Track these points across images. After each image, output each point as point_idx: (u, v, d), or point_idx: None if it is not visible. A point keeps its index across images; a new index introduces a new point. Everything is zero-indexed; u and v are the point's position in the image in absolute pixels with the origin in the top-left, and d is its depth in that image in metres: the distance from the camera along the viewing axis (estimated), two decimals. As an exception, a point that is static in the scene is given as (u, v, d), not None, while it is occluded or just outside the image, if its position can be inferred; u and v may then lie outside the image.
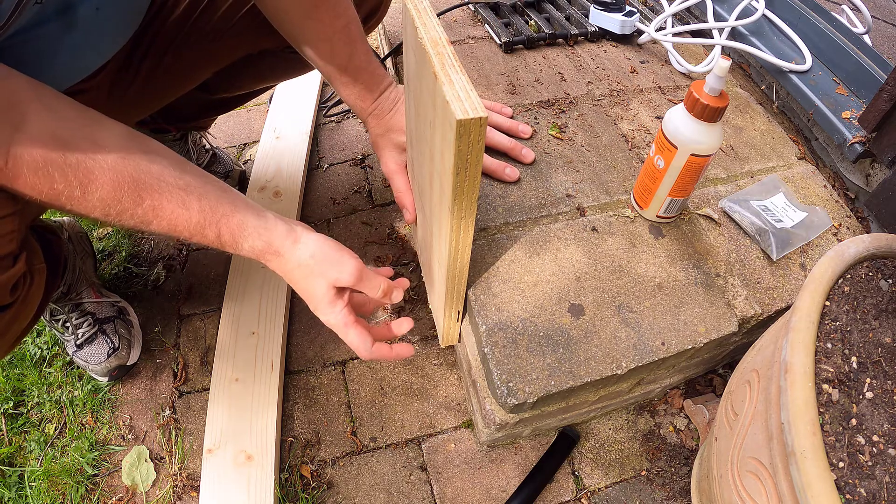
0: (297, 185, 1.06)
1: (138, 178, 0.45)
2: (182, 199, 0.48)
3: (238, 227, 0.52)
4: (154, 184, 0.46)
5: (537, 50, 1.03)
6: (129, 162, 0.45)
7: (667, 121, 0.64)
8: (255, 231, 0.53)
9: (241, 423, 0.77)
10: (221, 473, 0.73)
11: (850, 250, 0.55)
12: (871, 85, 0.85)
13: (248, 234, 0.52)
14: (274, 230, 0.54)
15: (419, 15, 0.50)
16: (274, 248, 0.54)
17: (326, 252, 0.56)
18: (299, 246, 0.55)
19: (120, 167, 0.44)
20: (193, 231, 0.49)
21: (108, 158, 0.44)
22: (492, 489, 0.75)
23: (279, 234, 0.54)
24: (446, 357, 0.87)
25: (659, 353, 0.64)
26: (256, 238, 0.53)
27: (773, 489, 0.46)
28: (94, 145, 0.44)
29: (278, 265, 0.56)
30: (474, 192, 0.49)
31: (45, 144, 0.41)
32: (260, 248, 0.54)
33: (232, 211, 0.51)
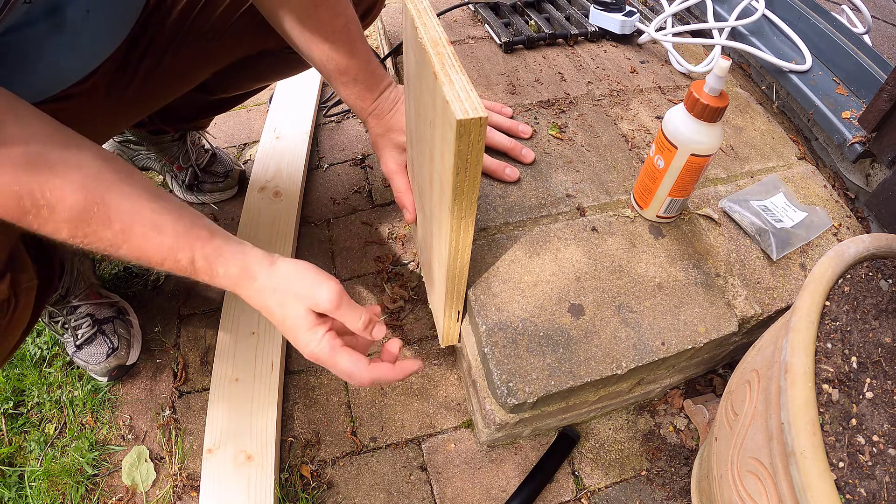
0: (297, 185, 1.06)
1: (109, 200, 0.44)
2: (155, 223, 0.46)
3: (214, 252, 0.49)
4: (126, 207, 0.44)
5: (537, 50, 1.03)
6: (100, 183, 0.44)
7: (667, 121, 0.64)
8: (231, 256, 0.50)
9: (241, 423, 0.77)
10: (221, 473, 0.73)
11: (850, 250, 0.55)
12: (871, 85, 0.85)
13: (224, 260, 0.50)
14: (251, 254, 0.52)
15: (419, 15, 0.50)
16: (250, 272, 0.51)
17: (304, 274, 0.52)
18: (275, 269, 0.52)
19: (91, 187, 0.43)
20: (165, 255, 0.47)
21: (79, 178, 0.42)
22: (492, 489, 0.75)
23: (256, 258, 0.52)
24: (446, 357, 0.87)
25: (659, 353, 0.64)
26: (233, 263, 0.50)
27: (773, 489, 0.46)
28: (66, 164, 0.42)
29: (253, 291, 0.52)
30: (474, 192, 0.49)
31: (14, 161, 0.40)
32: (235, 273, 0.50)
33: (208, 236, 0.49)
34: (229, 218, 1.05)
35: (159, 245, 0.46)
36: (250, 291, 0.52)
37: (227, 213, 1.06)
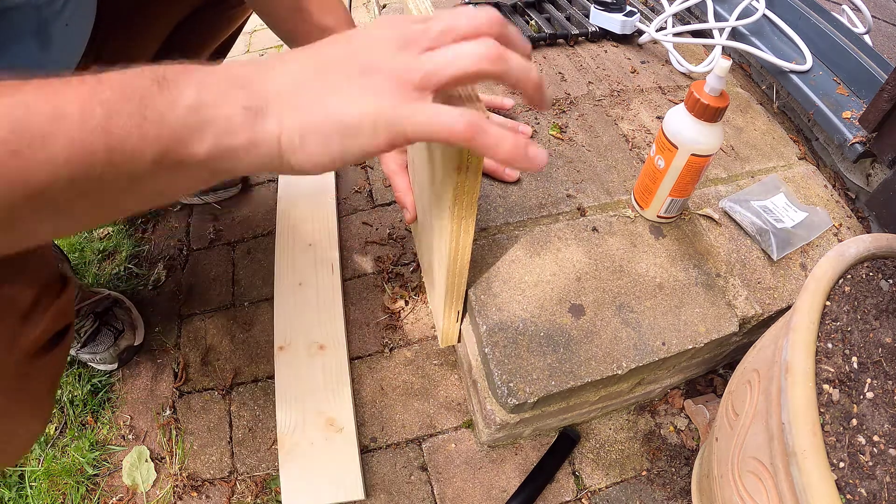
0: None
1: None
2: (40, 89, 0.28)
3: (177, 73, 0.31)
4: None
5: (538, 50, 1.03)
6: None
7: (667, 121, 0.64)
8: (217, 72, 0.32)
9: (309, 320, 0.84)
10: (294, 365, 0.80)
11: (850, 250, 0.55)
12: (872, 85, 0.85)
13: (207, 80, 0.31)
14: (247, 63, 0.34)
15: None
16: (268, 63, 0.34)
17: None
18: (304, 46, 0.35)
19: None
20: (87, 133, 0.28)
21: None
22: (492, 489, 0.75)
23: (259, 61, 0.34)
24: (446, 357, 0.87)
25: (659, 353, 0.64)
26: (226, 72, 0.32)
27: (773, 489, 0.46)
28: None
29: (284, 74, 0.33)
30: (475, 192, 0.49)
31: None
32: (244, 75, 0.32)
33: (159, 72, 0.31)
34: (232, 218, 1.05)
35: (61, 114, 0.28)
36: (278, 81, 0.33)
37: (231, 211, 1.06)
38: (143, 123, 0.29)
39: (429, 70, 0.32)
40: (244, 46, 1.56)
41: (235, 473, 0.76)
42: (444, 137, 0.33)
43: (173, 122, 0.29)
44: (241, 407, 0.82)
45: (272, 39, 1.56)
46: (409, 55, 0.33)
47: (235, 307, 0.93)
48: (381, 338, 0.89)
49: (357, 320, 0.90)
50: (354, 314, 0.91)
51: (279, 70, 0.33)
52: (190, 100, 0.30)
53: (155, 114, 0.29)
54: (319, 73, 0.33)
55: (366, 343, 0.88)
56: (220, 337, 0.90)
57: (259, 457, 0.78)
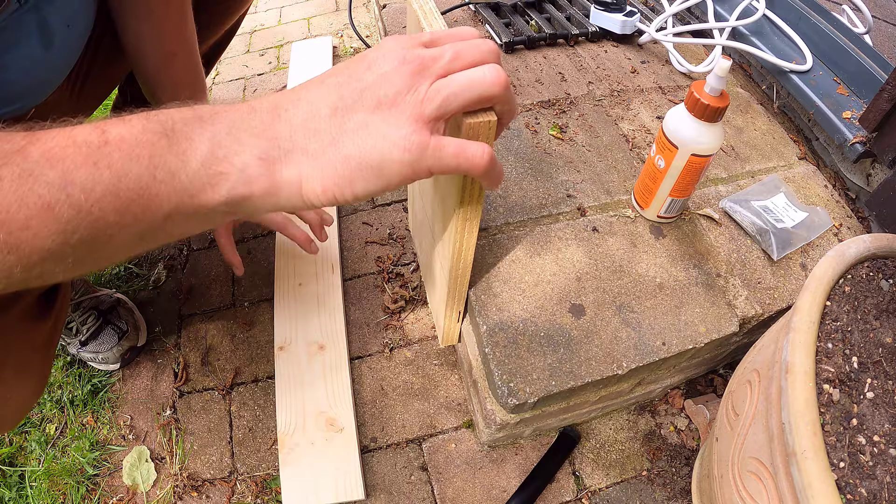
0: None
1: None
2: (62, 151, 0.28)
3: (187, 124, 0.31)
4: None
5: (538, 50, 1.03)
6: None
7: (667, 121, 0.64)
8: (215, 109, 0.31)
9: (308, 321, 0.84)
10: (294, 365, 0.80)
11: (850, 250, 0.55)
12: (872, 85, 0.85)
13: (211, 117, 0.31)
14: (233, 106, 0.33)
15: (425, 16, 0.50)
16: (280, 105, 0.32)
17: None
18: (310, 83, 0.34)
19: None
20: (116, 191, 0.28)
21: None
22: (492, 489, 0.75)
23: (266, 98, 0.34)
24: (447, 357, 0.87)
25: (660, 353, 0.64)
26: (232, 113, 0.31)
27: (773, 489, 0.46)
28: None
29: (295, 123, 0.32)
30: (481, 195, 0.49)
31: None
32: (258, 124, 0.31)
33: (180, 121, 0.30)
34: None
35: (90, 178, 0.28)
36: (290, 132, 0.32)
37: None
38: (152, 184, 0.28)
39: (444, 99, 0.32)
40: (244, 46, 1.56)
41: (235, 473, 0.76)
42: (466, 170, 0.34)
43: (185, 178, 0.29)
44: (241, 407, 0.82)
45: (272, 39, 1.56)
46: (422, 84, 0.32)
47: (235, 307, 0.93)
48: (381, 338, 0.89)
49: (357, 320, 0.90)
50: (354, 314, 0.91)
51: (292, 113, 0.32)
52: (202, 154, 0.29)
53: (165, 173, 0.29)
54: (334, 113, 0.32)
55: (366, 343, 0.88)
56: (220, 337, 0.90)
57: (259, 457, 0.78)
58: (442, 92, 0.32)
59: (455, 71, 0.33)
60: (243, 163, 0.30)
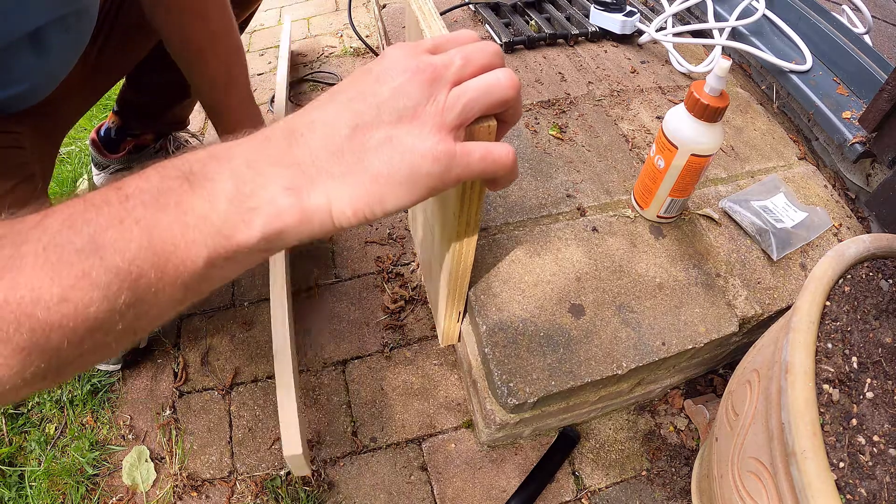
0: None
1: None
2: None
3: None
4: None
5: (538, 50, 1.03)
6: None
7: (667, 121, 0.64)
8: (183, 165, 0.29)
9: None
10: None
11: (850, 250, 0.55)
12: (872, 85, 0.85)
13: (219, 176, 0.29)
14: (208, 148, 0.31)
15: (424, 17, 0.49)
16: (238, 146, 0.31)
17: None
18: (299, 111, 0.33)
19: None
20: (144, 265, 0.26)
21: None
22: (492, 489, 0.75)
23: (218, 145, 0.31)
24: (446, 357, 0.87)
25: (659, 353, 0.64)
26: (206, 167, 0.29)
27: (773, 489, 0.46)
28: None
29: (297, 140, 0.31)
30: (482, 196, 0.49)
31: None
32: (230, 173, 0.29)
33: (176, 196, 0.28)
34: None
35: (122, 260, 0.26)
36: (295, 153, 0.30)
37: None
38: (186, 231, 0.27)
39: (464, 106, 0.32)
40: (244, 46, 1.56)
41: (235, 473, 0.76)
42: (492, 173, 0.34)
43: (217, 220, 0.28)
44: (240, 407, 0.82)
45: (272, 39, 1.56)
46: (440, 93, 0.32)
47: (235, 307, 0.93)
48: (381, 338, 0.89)
49: (357, 320, 0.90)
50: (354, 314, 0.91)
51: (309, 137, 0.30)
52: (228, 192, 0.28)
53: (196, 217, 0.27)
54: (354, 132, 0.30)
55: (366, 343, 0.88)
56: (220, 337, 0.90)
57: (259, 457, 0.78)
58: (461, 99, 0.32)
59: (467, 76, 0.33)
60: (271, 195, 0.29)
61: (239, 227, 0.28)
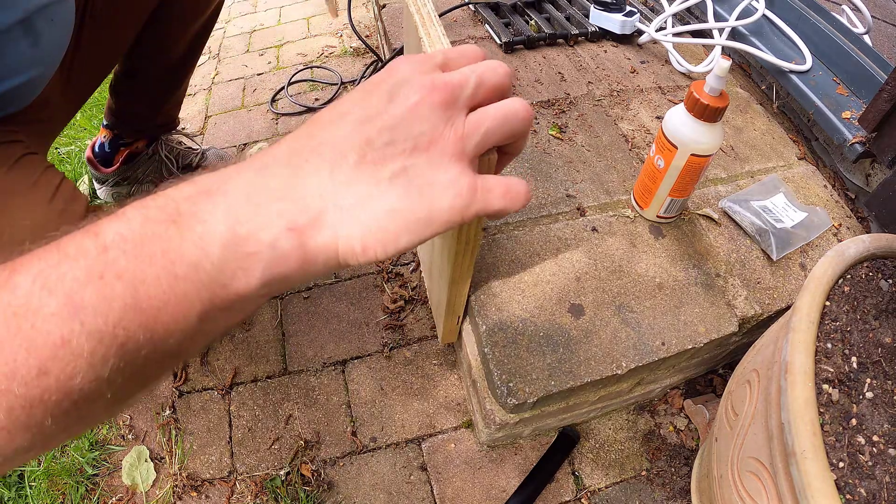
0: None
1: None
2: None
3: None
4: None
5: (537, 50, 1.03)
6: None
7: (667, 121, 0.64)
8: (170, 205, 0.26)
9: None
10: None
11: (850, 250, 0.55)
12: (872, 85, 0.85)
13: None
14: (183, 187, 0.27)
15: (423, 21, 0.49)
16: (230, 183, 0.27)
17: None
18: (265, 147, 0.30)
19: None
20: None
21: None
22: (492, 489, 0.75)
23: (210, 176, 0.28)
24: (446, 357, 0.87)
25: (659, 353, 0.64)
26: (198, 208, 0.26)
27: (773, 489, 0.46)
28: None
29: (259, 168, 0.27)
30: (480, 220, 0.47)
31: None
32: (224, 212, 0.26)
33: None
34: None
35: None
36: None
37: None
38: (175, 284, 0.24)
39: (484, 135, 0.29)
40: (244, 46, 1.56)
41: (235, 473, 0.76)
42: (509, 210, 0.31)
43: (210, 269, 0.24)
44: (240, 407, 0.82)
45: (272, 39, 1.56)
46: (458, 117, 0.29)
47: (235, 307, 0.93)
48: (380, 338, 0.89)
49: (357, 320, 0.90)
50: (354, 314, 0.91)
51: (315, 164, 0.27)
52: (221, 235, 0.25)
53: (186, 267, 0.24)
54: (363, 159, 0.27)
55: (366, 343, 0.88)
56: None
57: (258, 457, 0.78)
58: (482, 126, 0.29)
59: (479, 99, 0.30)
60: (272, 237, 0.25)
61: (236, 276, 0.25)
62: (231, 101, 1.35)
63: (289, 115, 1.28)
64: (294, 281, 0.27)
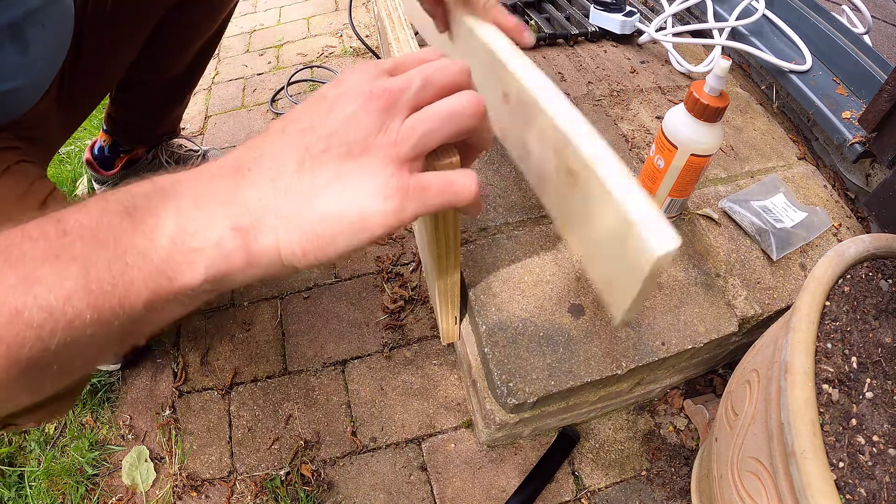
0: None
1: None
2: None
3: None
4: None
5: (537, 50, 1.03)
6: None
7: (667, 121, 0.64)
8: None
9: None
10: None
11: (850, 250, 0.55)
12: (871, 85, 0.85)
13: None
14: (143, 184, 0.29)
15: (392, 26, 0.49)
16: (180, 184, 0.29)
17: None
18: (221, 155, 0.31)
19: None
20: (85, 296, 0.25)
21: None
22: (492, 489, 0.75)
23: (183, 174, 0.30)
24: (446, 357, 0.87)
25: (659, 353, 0.64)
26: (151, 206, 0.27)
27: (773, 489, 0.46)
28: None
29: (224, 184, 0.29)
30: (457, 222, 0.47)
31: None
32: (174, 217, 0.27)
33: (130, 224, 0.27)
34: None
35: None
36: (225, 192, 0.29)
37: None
38: (125, 271, 0.25)
39: (420, 137, 0.29)
40: (243, 46, 1.56)
41: (235, 473, 0.76)
42: (454, 205, 0.31)
43: (157, 260, 0.26)
44: (240, 407, 0.82)
45: (272, 39, 1.56)
46: (393, 122, 0.29)
47: (235, 307, 0.93)
48: (380, 338, 0.89)
49: (357, 320, 0.90)
50: (354, 314, 0.91)
51: (256, 174, 0.29)
52: (170, 230, 0.27)
53: (136, 255, 0.26)
54: (301, 167, 0.29)
55: (365, 343, 0.88)
56: (219, 337, 0.90)
57: (259, 457, 0.78)
58: (417, 129, 0.29)
59: (427, 100, 0.30)
60: (218, 236, 0.27)
61: (182, 269, 0.27)
62: (231, 102, 1.35)
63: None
64: (237, 280, 0.29)
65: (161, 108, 1.00)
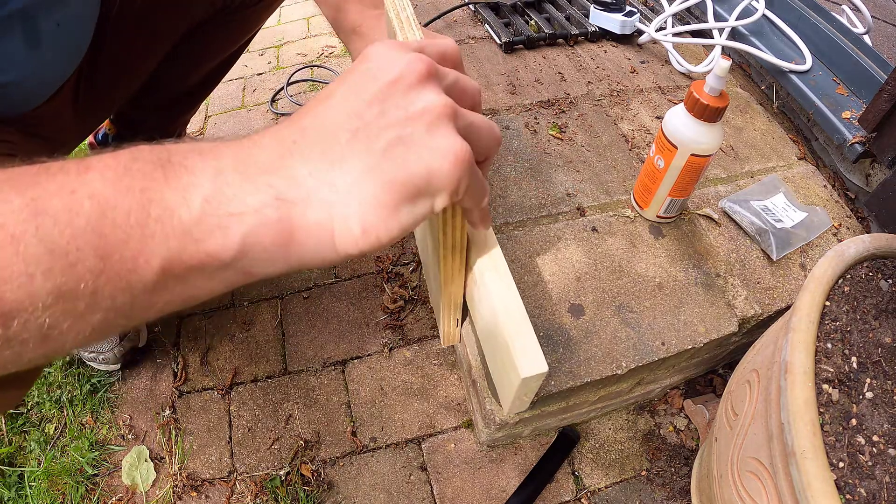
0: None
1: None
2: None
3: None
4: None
5: (537, 50, 1.03)
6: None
7: (667, 121, 0.64)
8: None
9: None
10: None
11: (850, 250, 0.55)
12: (872, 85, 0.85)
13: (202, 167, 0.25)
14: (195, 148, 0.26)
15: (401, 26, 0.48)
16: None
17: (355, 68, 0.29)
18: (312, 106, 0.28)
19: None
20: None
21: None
22: (492, 489, 0.75)
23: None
24: (446, 357, 0.87)
25: (659, 353, 0.64)
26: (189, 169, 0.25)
27: (773, 489, 0.46)
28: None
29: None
30: (465, 224, 0.47)
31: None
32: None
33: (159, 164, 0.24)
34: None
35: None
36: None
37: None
38: (146, 222, 0.22)
39: (471, 120, 0.28)
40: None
41: (235, 473, 0.76)
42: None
43: (187, 217, 0.23)
44: (240, 407, 0.82)
45: (272, 39, 1.56)
46: (440, 88, 0.28)
47: (235, 307, 0.93)
48: (380, 338, 0.89)
49: (357, 320, 0.90)
50: (354, 314, 0.91)
51: (304, 145, 0.26)
52: (206, 190, 0.23)
53: (161, 209, 0.23)
54: (355, 136, 0.26)
55: (365, 343, 0.88)
56: (219, 337, 0.90)
57: (258, 457, 0.78)
58: (469, 115, 0.28)
59: (455, 94, 0.29)
60: (260, 202, 0.24)
61: (213, 234, 0.23)
62: (231, 101, 1.35)
63: (289, 114, 1.28)
64: (275, 263, 0.25)
65: (171, 114, 1.00)
